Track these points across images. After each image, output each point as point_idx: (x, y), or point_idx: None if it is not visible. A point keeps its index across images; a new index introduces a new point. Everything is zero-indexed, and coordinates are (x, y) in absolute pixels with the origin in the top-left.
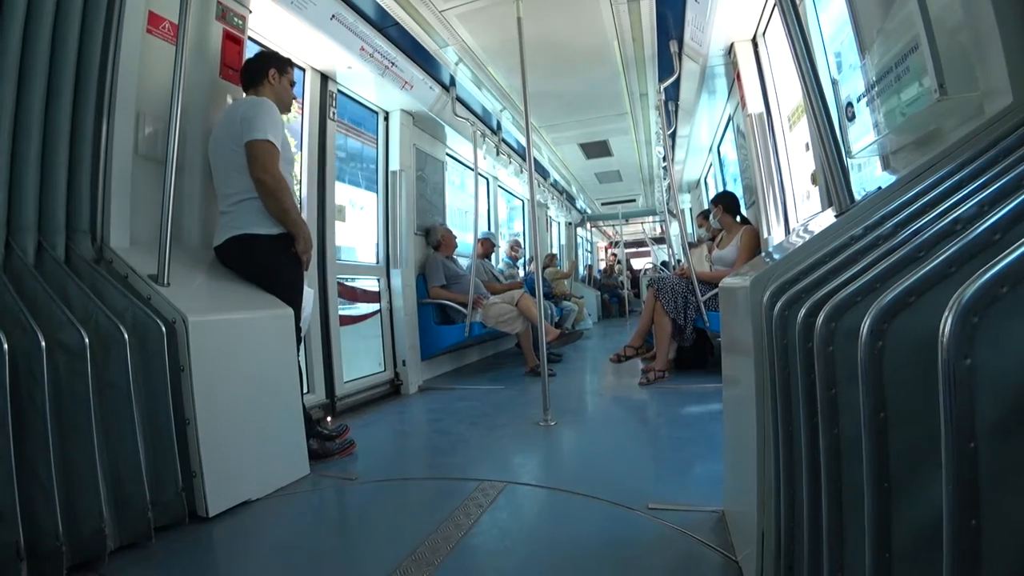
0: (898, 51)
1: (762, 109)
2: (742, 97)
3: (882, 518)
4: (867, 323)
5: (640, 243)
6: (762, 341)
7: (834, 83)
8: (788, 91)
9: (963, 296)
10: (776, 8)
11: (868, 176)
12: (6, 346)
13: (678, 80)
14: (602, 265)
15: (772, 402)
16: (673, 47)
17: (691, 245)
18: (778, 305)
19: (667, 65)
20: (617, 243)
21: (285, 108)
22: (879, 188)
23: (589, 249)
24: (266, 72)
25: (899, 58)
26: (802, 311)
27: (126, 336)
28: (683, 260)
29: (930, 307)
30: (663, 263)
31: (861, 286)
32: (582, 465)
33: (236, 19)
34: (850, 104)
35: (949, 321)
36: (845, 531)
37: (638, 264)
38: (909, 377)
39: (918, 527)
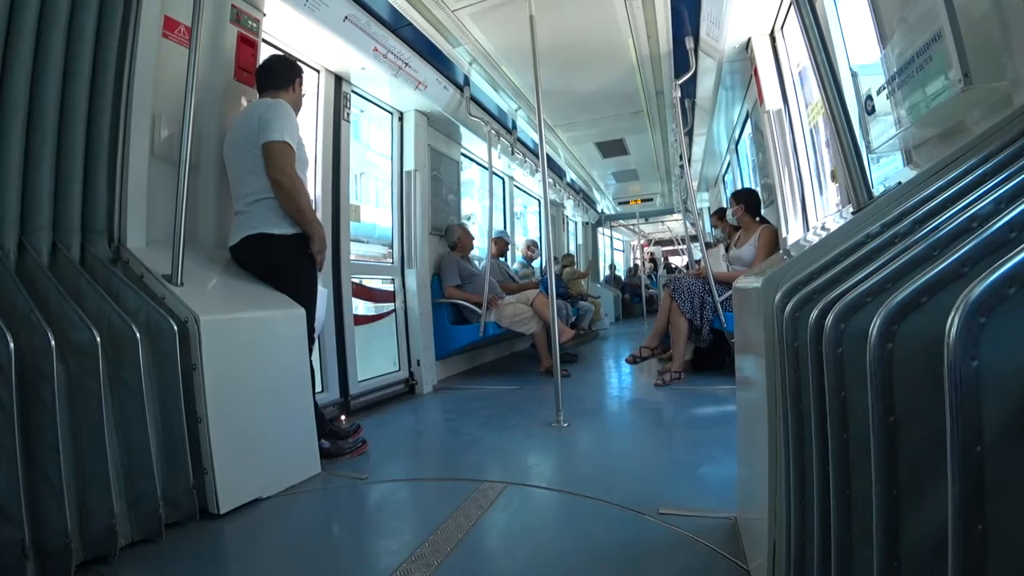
0: (920, 40)
1: (780, 105)
2: (760, 93)
3: (891, 526)
4: (876, 324)
5: (672, 241)
6: (774, 343)
7: (854, 75)
8: (808, 86)
9: (970, 296)
10: (793, 2)
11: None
12: (12, 346)
13: (694, 77)
14: (634, 264)
15: (783, 406)
16: (689, 43)
17: (708, 245)
18: (789, 306)
19: (683, 62)
20: (651, 241)
21: (296, 112)
22: (899, 183)
23: (621, 248)
24: (292, 79)
25: (921, 47)
26: (814, 312)
27: (138, 335)
28: (701, 260)
29: (942, 307)
30: (686, 264)
31: (872, 286)
32: (593, 467)
33: (250, 22)
34: (870, 97)
35: (955, 321)
36: (854, 541)
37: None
38: (919, 380)
39: (928, 534)
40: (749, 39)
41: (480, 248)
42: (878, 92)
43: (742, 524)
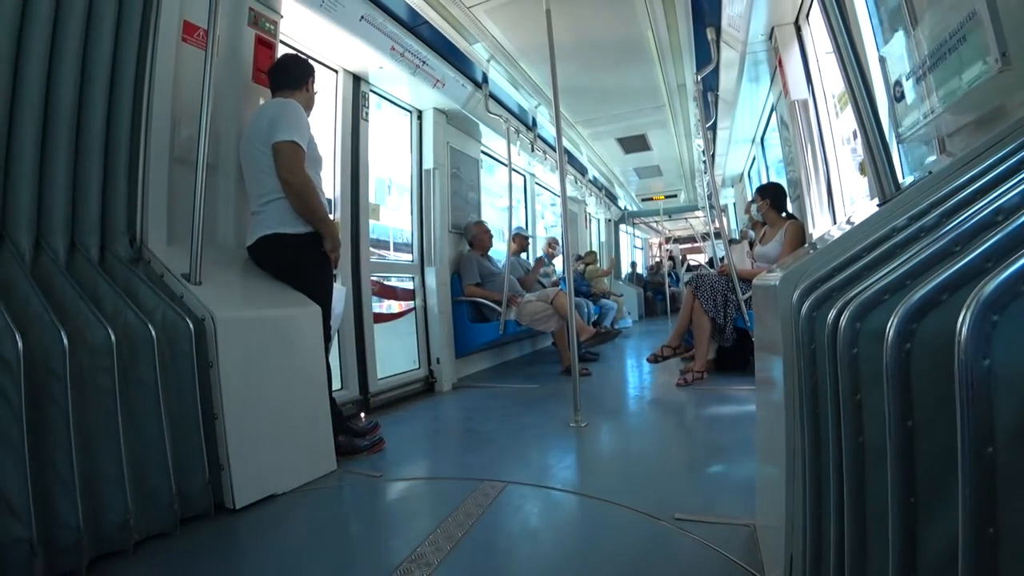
0: (953, 19)
1: (806, 95)
2: (784, 84)
3: (908, 537)
4: (894, 323)
5: (692, 239)
6: (791, 343)
7: (882, 60)
8: (835, 75)
9: (982, 293)
10: None
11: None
12: (21, 344)
13: (717, 69)
14: (654, 261)
15: (800, 409)
16: (711, 34)
17: (732, 242)
18: (806, 304)
19: (705, 53)
20: (669, 239)
21: (309, 112)
22: (929, 173)
23: (640, 246)
24: (306, 79)
25: (954, 27)
26: (831, 311)
27: (154, 333)
28: (724, 257)
29: (962, 306)
30: (709, 260)
31: (890, 283)
32: (609, 469)
33: (268, 24)
34: (899, 83)
35: (967, 319)
36: (869, 553)
37: (695, 260)
38: (938, 381)
39: (946, 545)
40: (772, 29)
41: (498, 251)
42: (907, 77)
43: (761, 532)
